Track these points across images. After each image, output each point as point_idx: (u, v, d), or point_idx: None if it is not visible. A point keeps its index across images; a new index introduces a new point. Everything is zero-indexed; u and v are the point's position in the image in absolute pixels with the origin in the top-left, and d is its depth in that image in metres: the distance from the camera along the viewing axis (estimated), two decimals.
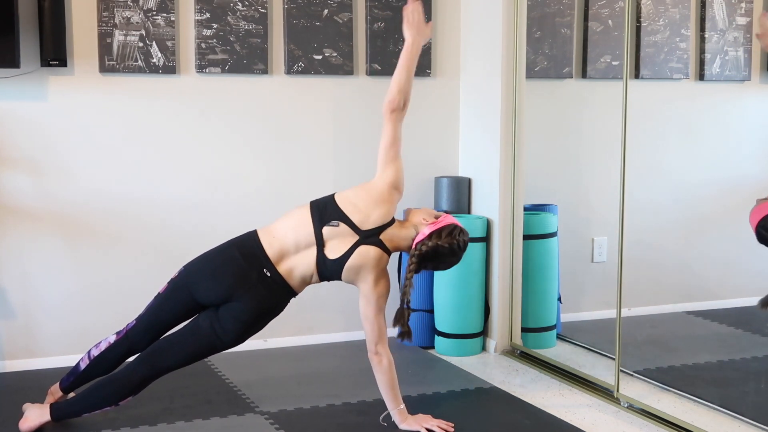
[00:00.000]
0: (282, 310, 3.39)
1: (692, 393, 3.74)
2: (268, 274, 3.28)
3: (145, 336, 3.39)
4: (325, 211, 3.32)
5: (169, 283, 3.39)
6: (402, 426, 3.39)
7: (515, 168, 4.46)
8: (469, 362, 4.36)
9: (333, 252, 3.29)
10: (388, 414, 3.44)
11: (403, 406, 3.41)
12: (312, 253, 3.30)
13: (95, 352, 3.42)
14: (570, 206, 4.75)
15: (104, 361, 3.42)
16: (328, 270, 3.31)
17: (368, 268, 3.28)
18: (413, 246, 3.33)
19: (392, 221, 3.36)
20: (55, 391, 3.50)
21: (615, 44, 4.62)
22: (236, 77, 4.41)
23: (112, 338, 3.42)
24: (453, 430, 3.39)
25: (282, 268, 3.30)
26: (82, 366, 3.43)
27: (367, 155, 4.66)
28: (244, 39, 4.37)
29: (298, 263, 3.31)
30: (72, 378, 3.46)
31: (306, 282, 3.36)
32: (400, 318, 3.32)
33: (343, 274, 3.31)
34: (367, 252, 3.29)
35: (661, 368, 4.12)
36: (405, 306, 3.31)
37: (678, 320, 4.69)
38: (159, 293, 3.40)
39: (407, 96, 3.39)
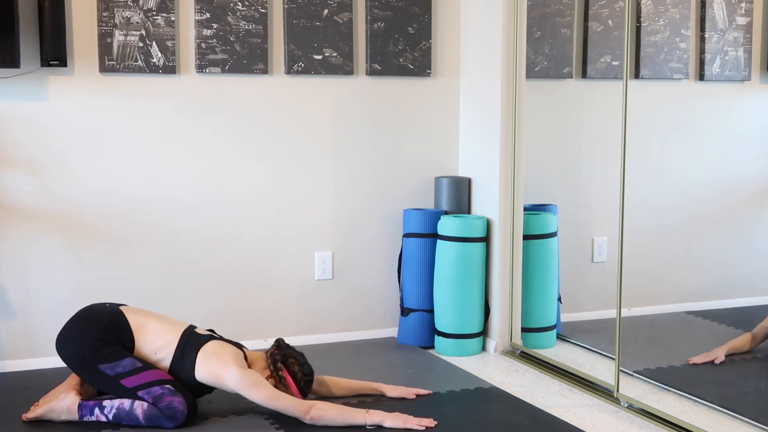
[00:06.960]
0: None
1: (692, 393, 3.74)
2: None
3: None
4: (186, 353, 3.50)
5: None
6: (387, 423, 3.38)
7: (515, 168, 4.46)
8: (469, 362, 4.36)
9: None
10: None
11: (367, 411, 3.43)
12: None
13: None
14: (570, 206, 4.75)
15: None
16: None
17: (224, 376, 3.44)
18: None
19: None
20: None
21: (615, 44, 4.62)
22: (236, 77, 4.41)
23: None
24: (433, 424, 3.40)
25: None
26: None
27: (367, 155, 4.67)
28: (244, 39, 4.37)
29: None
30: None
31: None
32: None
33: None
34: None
35: (661, 368, 4.12)
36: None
37: (678, 320, 4.68)
38: None
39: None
